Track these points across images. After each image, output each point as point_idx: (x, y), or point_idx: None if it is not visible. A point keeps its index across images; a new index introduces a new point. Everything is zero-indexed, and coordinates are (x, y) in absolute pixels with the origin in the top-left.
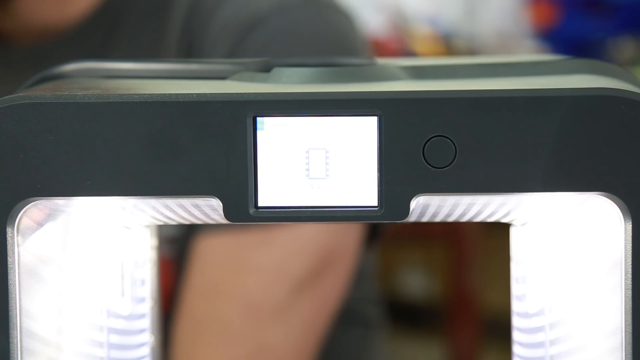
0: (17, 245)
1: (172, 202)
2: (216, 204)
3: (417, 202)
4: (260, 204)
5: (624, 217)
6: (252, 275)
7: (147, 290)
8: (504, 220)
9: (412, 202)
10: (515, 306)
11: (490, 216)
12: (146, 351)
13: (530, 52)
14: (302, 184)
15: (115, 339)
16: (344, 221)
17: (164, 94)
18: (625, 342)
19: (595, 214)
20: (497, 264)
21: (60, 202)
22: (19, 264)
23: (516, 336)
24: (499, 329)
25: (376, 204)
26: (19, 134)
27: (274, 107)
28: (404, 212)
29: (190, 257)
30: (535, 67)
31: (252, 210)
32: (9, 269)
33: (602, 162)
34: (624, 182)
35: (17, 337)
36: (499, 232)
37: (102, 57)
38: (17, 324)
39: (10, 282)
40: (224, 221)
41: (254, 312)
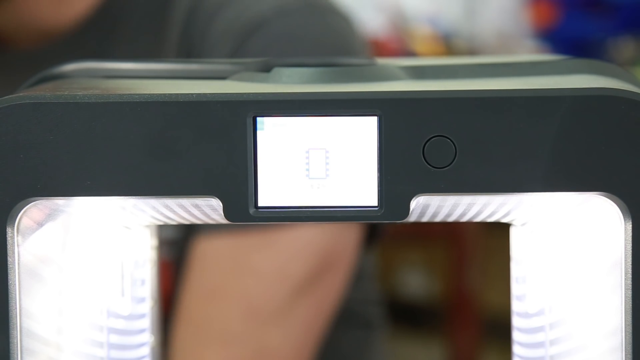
0: (17, 245)
1: (172, 202)
2: (216, 204)
3: (417, 202)
4: (260, 204)
5: (624, 217)
6: (252, 277)
7: (147, 290)
8: (504, 220)
9: (412, 202)
10: (515, 306)
11: (490, 216)
12: (146, 351)
13: (530, 52)
14: (302, 184)
15: (115, 339)
16: (344, 221)
17: (164, 94)
18: (625, 342)
19: (595, 214)
20: (497, 264)
21: (60, 202)
22: (19, 264)
23: (516, 336)
24: (499, 329)
25: (376, 204)
26: (19, 134)
27: (274, 107)
28: (404, 212)
29: (189, 259)
30: (535, 67)
31: (252, 210)
32: (9, 269)
33: (602, 162)
34: (624, 182)
35: (17, 337)
36: (499, 232)
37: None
38: (17, 324)
39: (10, 282)
40: (224, 221)
41: (254, 314)
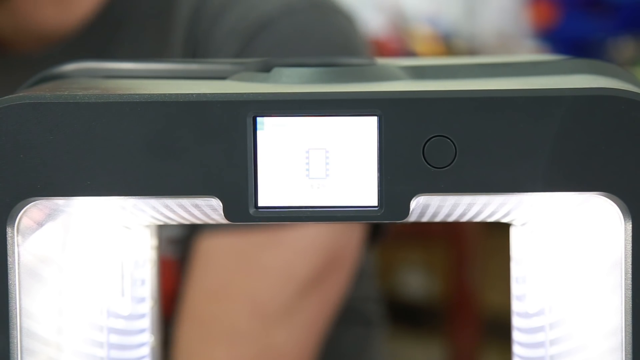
0: (17, 245)
1: (172, 202)
2: (216, 204)
3: (417, 202)
4: (260, 204)
5: (624, 217)
6: (257, 275)
7: (147, 290)
8: (504, 220)
9: (412, 202)
10: (515, 306)
11: (490, 216)
12: (146, 351)
13: (530, 52)
14: (302, 184)
15: (115, 339)
16: (344, 221)
17: (164, 94)
18: (625, 342)
19: (595, 214)
20: (497, 264)
21: (60, 202)
22: (19, 264)
23: (516, 336)
24: (499, 329)
25: (376, 204)
26: (19, 134)
27: (274, 107)
28: (404, 212)
29: (193, 257)
30: (535, 67)
31: (252, 210)
32: (9, 269)
33: (602, 162)
34: (624, 182)
35: (17, 337)
36: (499, 232)
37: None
38: (17, 324)
39: (10, 282)
40: (224, 221)
41: (259, 312)
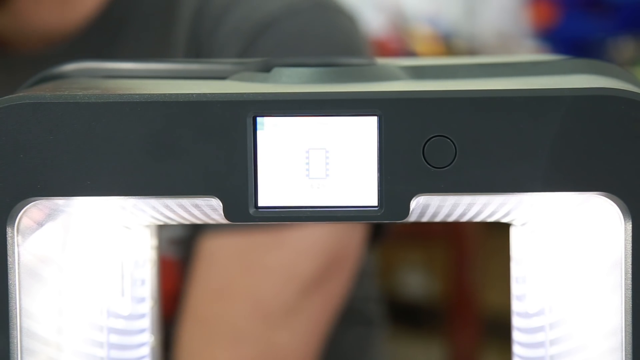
0: (17, 245)
1: (172, 202)
2: (216, 204)
3: (417, 202)
4: (260, 204)
5: (624, 217)
6: (260, 276)
7: (147, 290)
8: (504, 220)
9: (412, 202)
10: (515, 306)
11: (490, 216)
12: (146, 351)
13: (530, 52)
14: (302, 184)
15: (115, 339)
16: (344, 221)
17: (164, 94)
18: (625, 342)
19: (595, 214)
20: (497, 264)
21: (60, 202)
22: (19, 264)
23: (516, 336)
24: (499, 329)
25: (376, 204)
26: (19, 134)
27: (274, 107)
28: (404, 212)
29: (196, 257)
30: (535, 67)
31: (252, 210)
32: (9, 269)
33: (602, 162)
34: (624, 182)
35: (17, 337)
36: (499, 232)
37: None
38: (17, 324)
39: (10, 282)
40: (224, 221)
41: (262, 313)
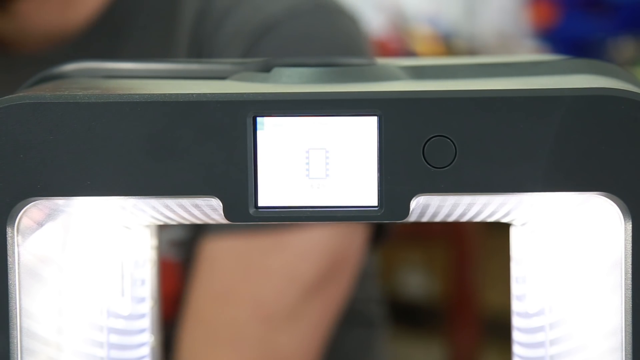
0: (17, 245)
1: (172, 202)
2: (216, 204)
3: (417, 202)
4: (260, 204)
5: (624, 217)
6: (262, 279)
7: (147, 290)
8: (504, 220)
9: (412, 202)
10: (515, 306)
11: (490, 216)
12: (146, 351)
13: (530, 52)
14: (302, 184)
15: (115, 339)
16: (344, 221)
17: (164, 94)
18: (625, 342)
19: (595, 214)
20: (497, 264)
21: (60, 202)
22: (19, 264)
23: (516, 336)
24: (499, 329)
25: (376, 204)
26: (19, 134)
27: (274, 107)
28: (404, 212)
29: (197, 260)
30: (535, 67)
31: (252, 210)
32: (9, 269)
33: (602, 162)
34: (624, 182)
35: (17, 337)
36: (499, 232)
37: None
38: (17, 324)
39: (10, 282)
40: (224, 221)
41: (264, 316)
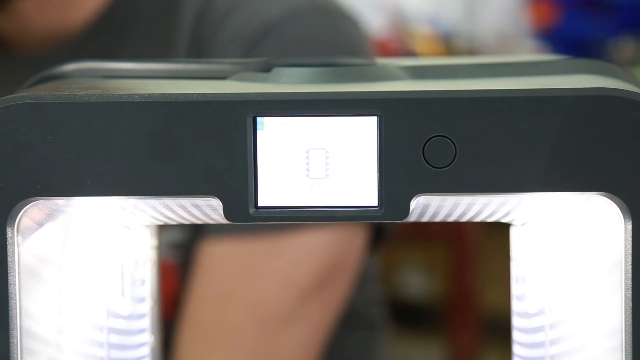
0: (17, 245)
1: (172, 202)
2: (216, 204)
3: (417, 202)
4: (260, 204)
5: (624, 217)
6: (260, 282)
7: (147, 290)
8: (504, 220)
9: (412, 202)
10: (515, 306)
11: (490, 216)
12: (146, 351)
13: (530, 52)
14: (302, 184)
15: (115, 339)
16: (344, 221)
17: (164, 94)
18: (625, 342)
19: (595, 214)
20: (497, 264)
21: (60, 202)
22: (19, 264)
23: (516, 336)
24: (499, 329)
25: (376, 204)
26: (19, 134)
27: (274, 107)
28: (404, 212)
29: (195, 263)
30: (535, 67)
31: (252, 210)
32: (9, 269)
33: (602, 162)
34: (624, 182)
35: (17, 337)
36: (499, 232)
37: None
38: (17, 324)
39: (10, 282)
40: (224, 221)
41: (262, 319)
